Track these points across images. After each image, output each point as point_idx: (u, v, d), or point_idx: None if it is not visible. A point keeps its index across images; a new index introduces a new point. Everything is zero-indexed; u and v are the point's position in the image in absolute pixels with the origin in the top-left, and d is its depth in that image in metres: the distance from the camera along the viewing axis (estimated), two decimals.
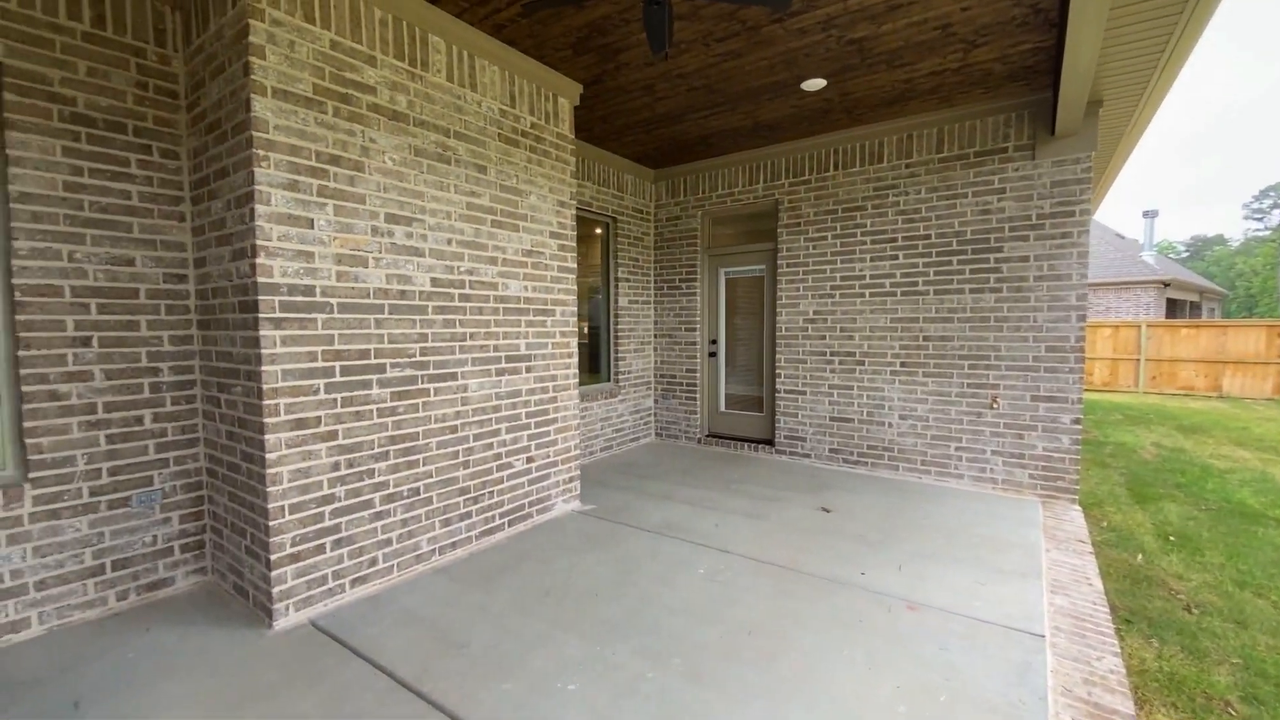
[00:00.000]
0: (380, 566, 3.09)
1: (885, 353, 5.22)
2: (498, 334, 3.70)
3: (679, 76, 4.10)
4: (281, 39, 2.61)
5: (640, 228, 6.43)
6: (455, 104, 3.38)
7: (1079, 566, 3.36)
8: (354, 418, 2.94)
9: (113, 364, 2.79)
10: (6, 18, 2.45)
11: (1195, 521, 4.64)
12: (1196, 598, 3.38)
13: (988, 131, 4.68)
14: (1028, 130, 4.51)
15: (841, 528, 3.92)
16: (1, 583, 2.48)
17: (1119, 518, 4.68)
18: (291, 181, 2.65)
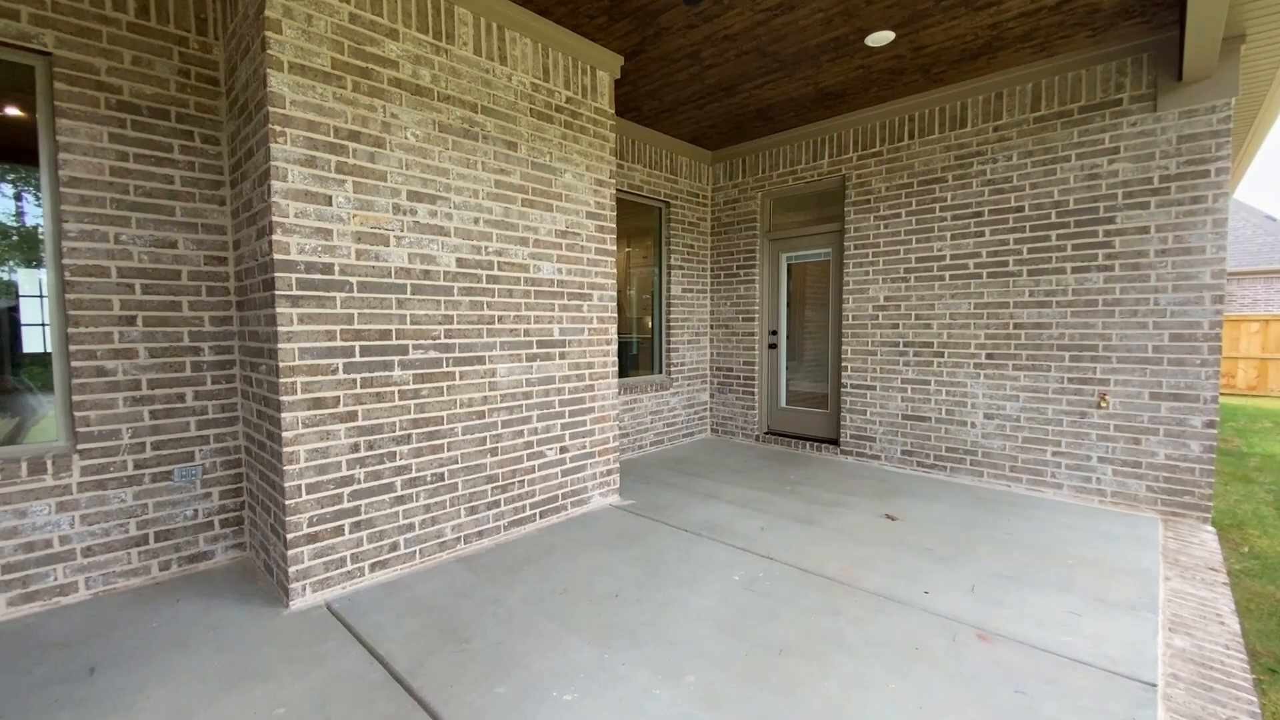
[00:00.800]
0: (401, 552, 3.02)
1: (969, 343, 4.61)
2: (529, 318, 3.56)
3: (726, 39, 3.78)
4: (298, 13, 2.57)
5: (696, 212, 6.12)
6: (483, 78, 3.26)
7: (1208, 600, 2.72)
8: (374, 399, 2.89)
9: (156, 342, 2.89)
10: (57, 10, 2.57)
11: None
12: None
13: (1095, 82, 3.98)
14: (1146, 77, 3.78)
15: (907, 539, 3.45)
16: (51, 548, 2.62)
17: (1264, 542, 3.84)
18: (309, 158, 2.62)
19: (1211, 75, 3.54)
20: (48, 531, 2.61)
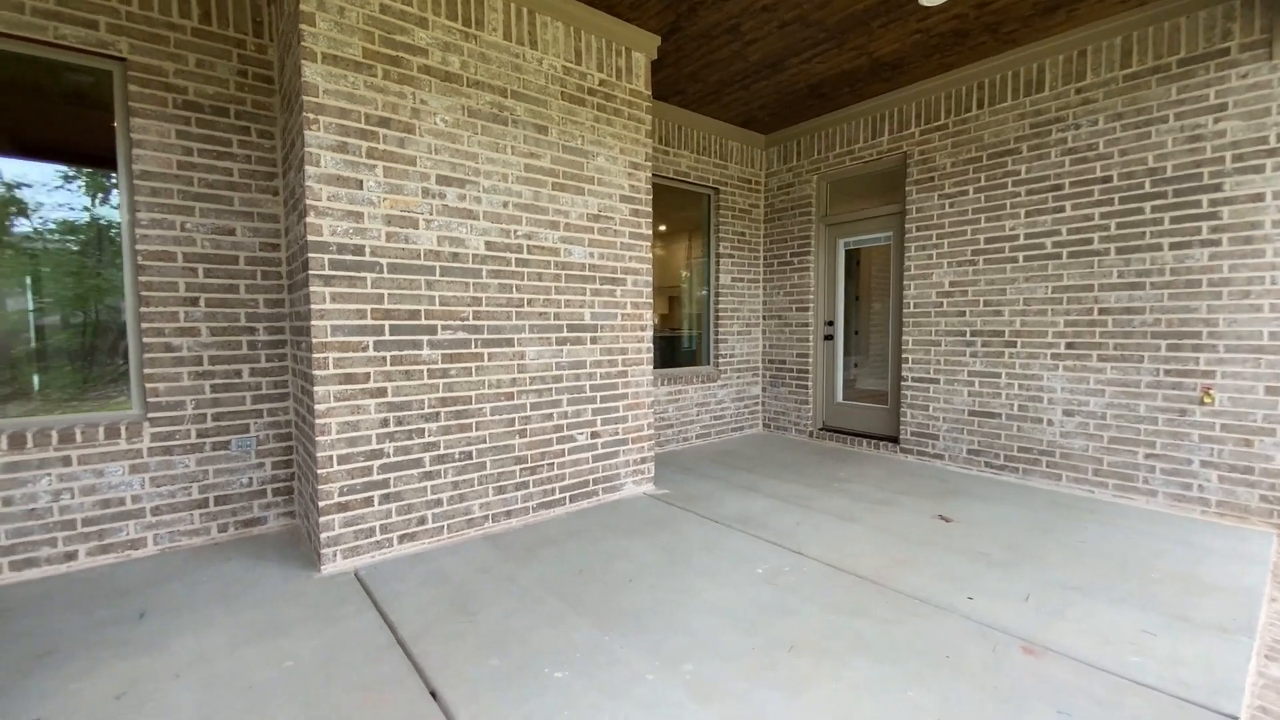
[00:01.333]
0: (429, 526, 3.11)
1: (1045, 331, 4.15)
2: (559, 301, 3.57)
3: (764, 9, 3.61)
4: (331, 5, 2.70)
5: (748, 199, 5.93)
6: (513, 63, 3.30)
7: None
8: (404, 376, 2.99)
9: (216, 322, 3.14)
10: (130, 19, 2.85)
11: None
12: None
13: (1197, 31, 3.46)
14: (1259, 21, 3.24)
15: (959, 541, 3.15)
16: (124, 506, 2.91)
17: None
18: (340, 143, 2.75)
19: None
20: (121, 490, 2.90)
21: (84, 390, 3.00)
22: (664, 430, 5.30)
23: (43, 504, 2.72)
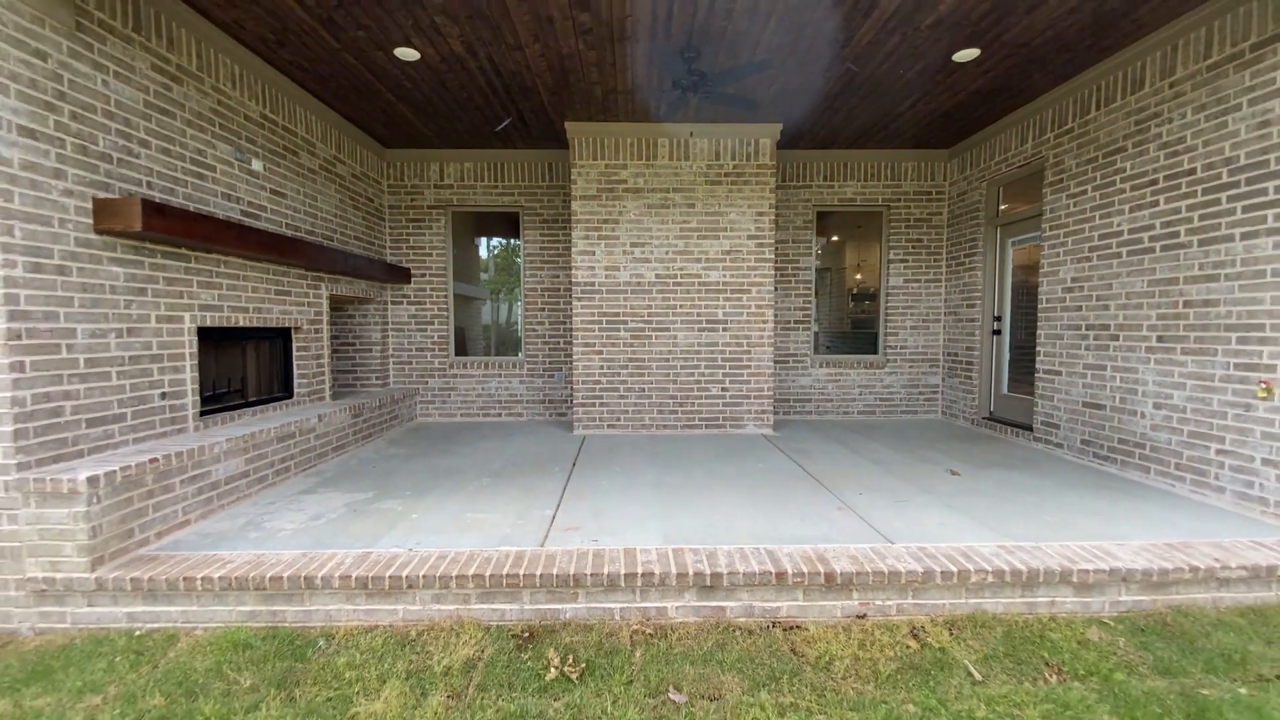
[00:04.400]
0: (621, 422, 6.03)
1: (1140, 324, 4.21)
2: (700, 305, 5.96)
3: (839, 95, 5.12)
4: (584, 170, 5.86)
5: (925, 209, 6.75)
6: (673, 172, 5.87)
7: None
8: (609, 345, 5.98)
9: (553, 321, 6.79)
10: (521, 192, 6.66)
11: None
12: None
13: (1267, 13, 3.33)
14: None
15: (938, 486, 4.20)
16: (516, 398, 6.81)
17: None
18: (586, 234, 5.90)
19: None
20: (515, 391, 6.80)
21: (499, 351, 7.06)
22: (823, 404, 6.86)
23: (492, 393, 6.81)
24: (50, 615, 2.68)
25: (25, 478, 2.62)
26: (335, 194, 5.44)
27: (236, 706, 2.11)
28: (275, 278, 4.46)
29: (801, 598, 2.69)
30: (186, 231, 3.32)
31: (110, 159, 3.11)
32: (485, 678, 2.26)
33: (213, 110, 3.86)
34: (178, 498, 3.15)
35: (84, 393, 2.95)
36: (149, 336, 3.33)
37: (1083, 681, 2.24)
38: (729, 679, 2.26)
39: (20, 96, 2.66)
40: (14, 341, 2.62)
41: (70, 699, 2.20)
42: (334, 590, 2.63)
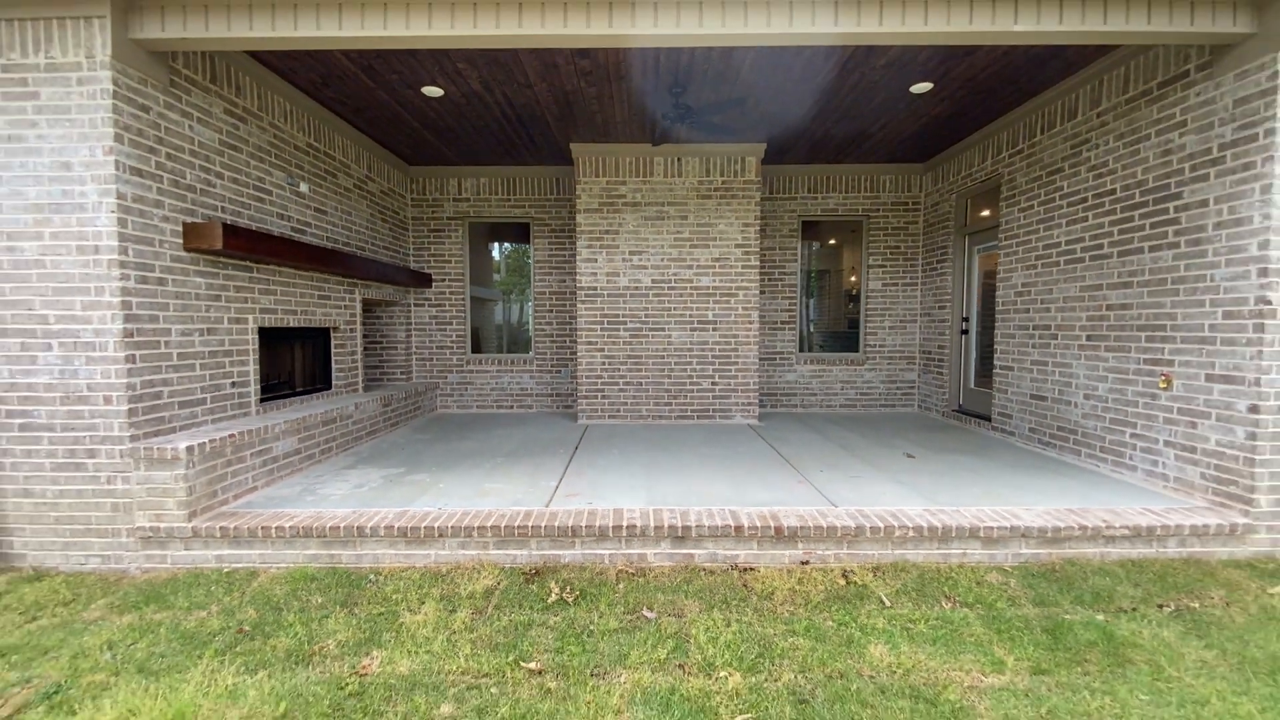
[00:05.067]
0: (621, 413, 6.67)
1: (1074, 325, 4.77)
2: (692, 308, 6.57)
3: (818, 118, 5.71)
4: (587, 186, 6.50)
5: (902, 218, 7.31)
6: (667, 188, 6.49)
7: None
8: (610, 343, 6.61)
9: (560, 322, 7.44)
10: (538, 206, 7.32)
11: None
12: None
13: (1170, 55, 3.89)
14: (1242, 22, 3.57)
15: (893, 465, 4.79)
16: (526, 392, 7.46)
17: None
18: (589, 244, 6.54)
19: (1258, 31, 3.33)
20: (525, 386, 7.46)
21: (511, 349, 7.72)
22: (807, 398, 7.45)
23: (505, 387, 7.47)
24: (154, 557, 3.37)
25: (137, 447, 3.30)
26: (367, 209, 6.13)
27: (311, 617, 2.77)
28: (318, 284, 5.14)
29: (756, 547, 3.31)
30: (252, 248, 4.00)
31: (195, 189, 3.79)
32: (501, 600, 2.91)
33: (269, 143, 4.55)
34: (248, 468, 3.83)
35: (176, 380, 3.63)
36: (222, 335, 4.02)
37: (970, 608, 2.84)
38: (690, 603, 2.88)
39: (131, 143, 3.34)
40: (128, 339, 3.31)
41: (182, 614, 2.87)
42: (379, 538, 3.29)
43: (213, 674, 2.36)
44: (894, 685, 2.27)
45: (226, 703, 2.18)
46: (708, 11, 3.24)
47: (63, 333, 3.27)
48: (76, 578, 3.27)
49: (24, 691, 2.31)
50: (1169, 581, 3.10)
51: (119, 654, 2.52)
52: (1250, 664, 2.41)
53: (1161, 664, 2.40)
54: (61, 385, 3.28)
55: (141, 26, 3.30)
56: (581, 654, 2.46)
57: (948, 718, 2.08)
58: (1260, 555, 3.40)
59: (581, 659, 2.43)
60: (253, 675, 2.35)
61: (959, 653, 2.47)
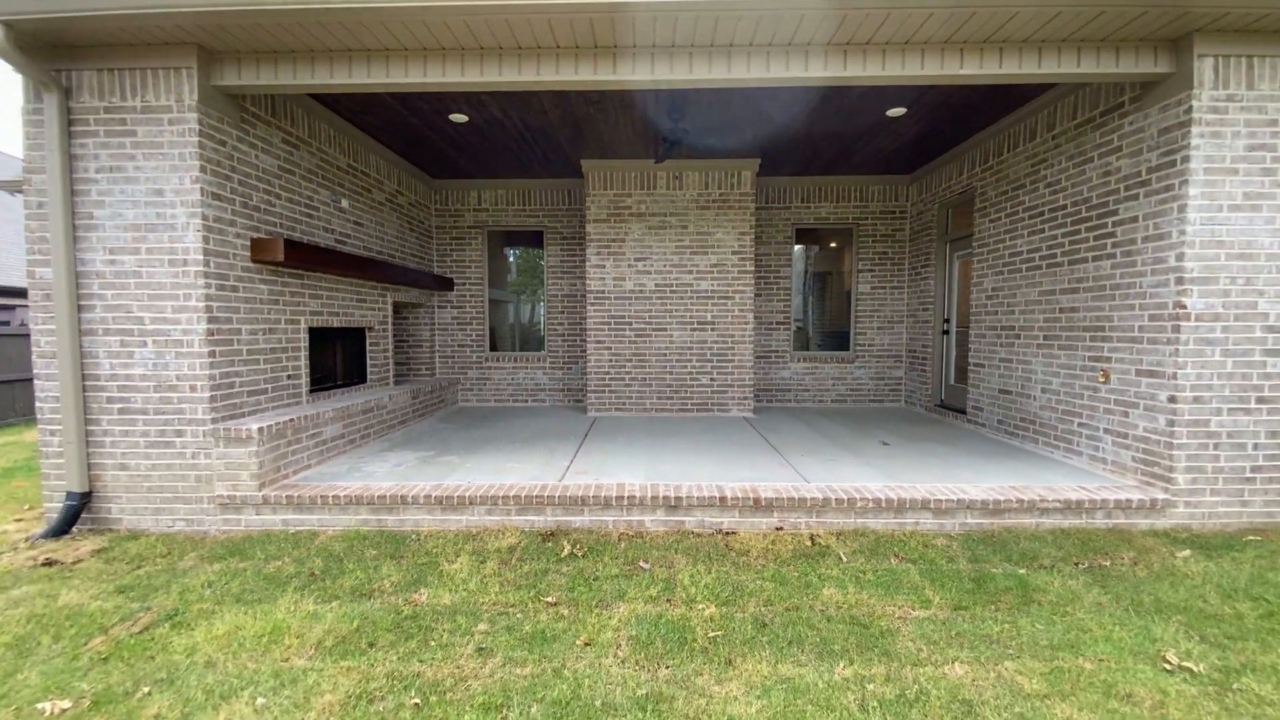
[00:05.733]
0: (626, 406, 7.25)
1: (1033, 326, 5.28)
2: (692, 309, 7.14)
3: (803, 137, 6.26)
4: (596, 198, 7.09)
5: (889, 225, 7.83)
6: (669, 199, 7.07)
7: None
8: (617, 342, 7.20)
9: (571, 321, 8.04)
10: (550, 215, 7.92)
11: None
12: None
13: (1110, 86, 4.40)
14: (1162, 63, 4.06)
15: (867, 450, 5.33)
16: (540, 386, 8.07)
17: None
18: (598, 251, 7.13)
19: (1174, 72, 3.84)
20: (539, 381, 8.07)
21: (525, 347, 8.33)
22: (801, 393, 7.99)
23: (520, 382, 8.08)
24: (230, 521, 4.00)
25: (216, 428, 3.94)
26: (397, 220, 6.76)
27: (367, 566, 3.38)
28: (356, 289, 5.77)
29: (738, 515, 3.88)
30: (305, 258, 4.63)
31: (259, 209, 4.43)
32: (522, 554, 3.50)
33: (317, 165, 5.18)
34: (304, 448, 4.46)
35: (245, 372, 4.27)
36: (280, 334, 4.65)
37: (913, 563, 3.39)
38: (679, 558, 3.46)
39: (211, 172, 3.98)
40: (210, 337, 3.94)
41: (260, 563, 3.49)
42: (419, 506, 3.90)
43: (295, 603, 2.97)
44: (838, 615, 2.83)
45: (311, 621, 2.79)
46: (697, 61, 3.82)
47: (156, 332, 3.91)
48: (167, 537, 3.91)
49: (148, 615, 2.94)
50: (1090, 546, 3.62)
51: (217, 590, 3.15)
52: (1137, 606, 2.94)
53: (1061, 604, 2.94)
54: (154, 376, 3.93)
55: (221, 75, 3.93)
56: (588, 592, 3.05)
57: (876, 636, 2.64)
58: (1177, 526, 3.91)
59: (588, 595, 3.02)
60: (327, 604, 2.96)
61: (896, 594, 3.03)
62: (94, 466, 3.97)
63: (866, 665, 2.44)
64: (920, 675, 2.36)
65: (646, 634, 2.66)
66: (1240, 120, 3.78)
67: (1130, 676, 2.36)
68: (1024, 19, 3.53)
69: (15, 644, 2.68)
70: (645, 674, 2.38)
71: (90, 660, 2.54)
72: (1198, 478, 3.89)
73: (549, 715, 2.14)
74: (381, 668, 2.44)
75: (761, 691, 2.27)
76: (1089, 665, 2.44)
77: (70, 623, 2.84)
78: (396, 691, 2.28)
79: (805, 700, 2.21)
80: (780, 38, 3.73)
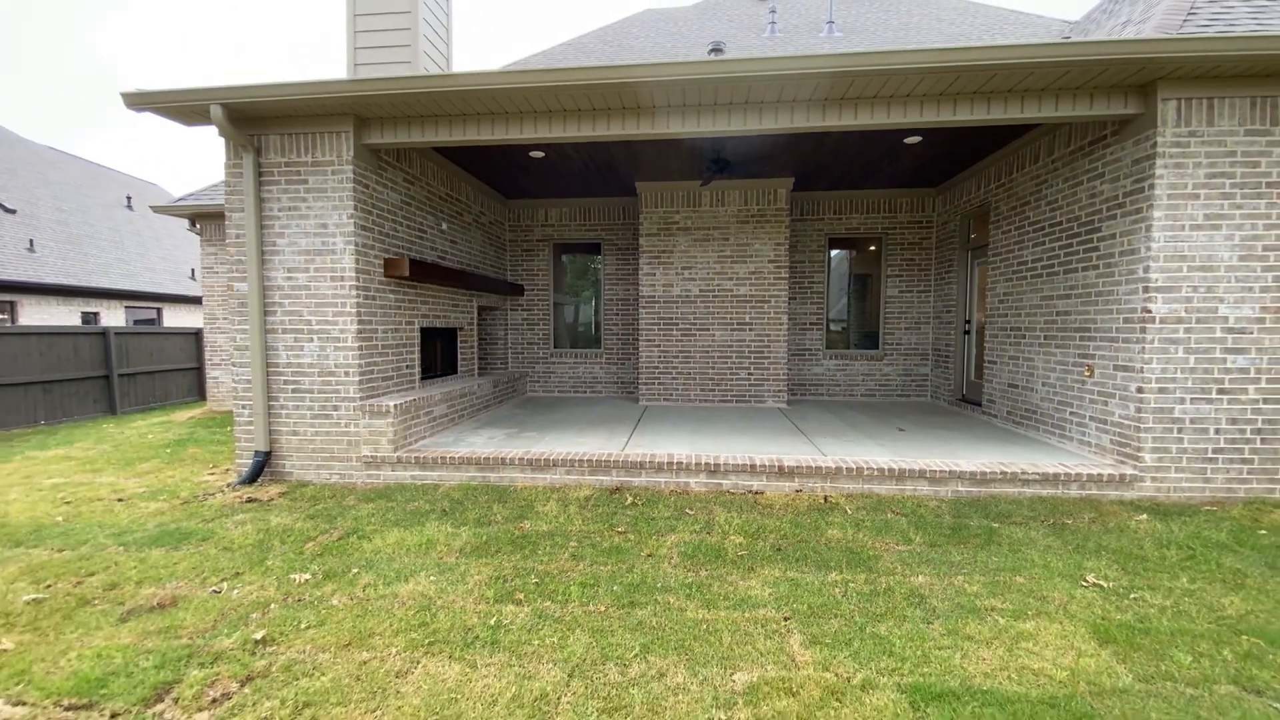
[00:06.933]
0: (673, 397, 8.25)
1: (1036, 327, 5.97)
2: (732, 312, 8.07)
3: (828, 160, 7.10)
4: (648, 215, 8.12)
5: (916, 234, 8.53)
6: (712, 215, 8.02)
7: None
8: (665, 341, 8.21)
9: (624, 320, 9.10)
10: (608, 230, 9.00)
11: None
12: None
13: (1097, 124, 5.09)
14: (1132, 105, 4.73)
15: (880, 433, 6.16)
16: (597, 380, 9.17)
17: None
18: (649, 261, 8.16)
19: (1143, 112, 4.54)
20: (596, 374, 9.16)
21: (584, 345, 9.44)
22: (832, 388, 8.78)
23: (580, 375, 9.20)
24: (372, 475, 5.23)
25: (363, 404, 5.17)
26: (480, 236, 7.99)
27: (481, 506, 4.51)
28: (451, 295, 7.00)
29: (765, 480, 4.82)
30: (420, 273, 5.84)
31: (389, 235, 5.67)
32: (595, 502, 4.56)
33: (425, 196, 6.42)
34: (421, 422, 5.68)
35: (381, 363, 5.51)
36: (402, 333, 5.89)
37: (905, 517, 4.25)
38: (717, 509, 4.43)
39: (360, 209, 5.21)
40: (359, 334, 5.18)
41: (402, 504, 4.67)
42: (514, 466, 5.03)
43: (438, 527, 4.12)
44: (837, 546, 3.75)
45: (451, 537, 3.93)
46: (719, 117, 4.79)
47: (320, 330, 5.18)
48: (328, 486, 5.17)
49: (337, 531, 4.14)
50: (1059, 509, 4.39)
51: (378, 518, 4.34)
52: (1080, 548, 3.73)
53: (1017, 545, 3.76)
54: (319, 364, 5.20)
55: (368, 136, 5.17)
56: (648, 526, 4.07)
57: (863, 559, 3.55)
58: (1143, 498, 4.60)
59: (647, 528, 4.04)
60: (459, 528, 4.09)
61: (885, 536, 3.92)
62: (273, 432, 5.28)
63: (852, 574, 3.36)
64: (890, 581, 3.27)
65: (691, 551, 3.66)
66: (1202, 153, 4.45)
67: (1050, 586, 3.19)
68: (1003, 77, 4.34)
69: (256, 545, 3.92)
70: (690, 573, 3.38)
71: (310, 554, 3.74)
72: (1163, 457, 4.57)
73: (626, 590, 3.17)
74: (508, 564, 3.53)
75: (772, 584, 3.23)
76: (1021, 580, 3.28)
77: (286, 534, 4.08)
78: (521, 575, 3.37)
79: (802, 590, 3.16)
80: (787, 95, 4.65)
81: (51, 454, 6.95)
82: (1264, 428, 4.51)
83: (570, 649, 2.63)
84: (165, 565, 3.60)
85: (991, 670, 2.46)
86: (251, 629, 2.85)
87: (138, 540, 4.00)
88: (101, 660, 2.62)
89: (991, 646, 2.63)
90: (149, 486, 5.34)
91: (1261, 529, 4.02)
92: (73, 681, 2.48)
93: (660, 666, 2.50)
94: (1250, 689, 2.36)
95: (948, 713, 2.19)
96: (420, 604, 3.07)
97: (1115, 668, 2.48)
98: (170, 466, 6.12)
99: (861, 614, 2.91)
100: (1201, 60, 4.13)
